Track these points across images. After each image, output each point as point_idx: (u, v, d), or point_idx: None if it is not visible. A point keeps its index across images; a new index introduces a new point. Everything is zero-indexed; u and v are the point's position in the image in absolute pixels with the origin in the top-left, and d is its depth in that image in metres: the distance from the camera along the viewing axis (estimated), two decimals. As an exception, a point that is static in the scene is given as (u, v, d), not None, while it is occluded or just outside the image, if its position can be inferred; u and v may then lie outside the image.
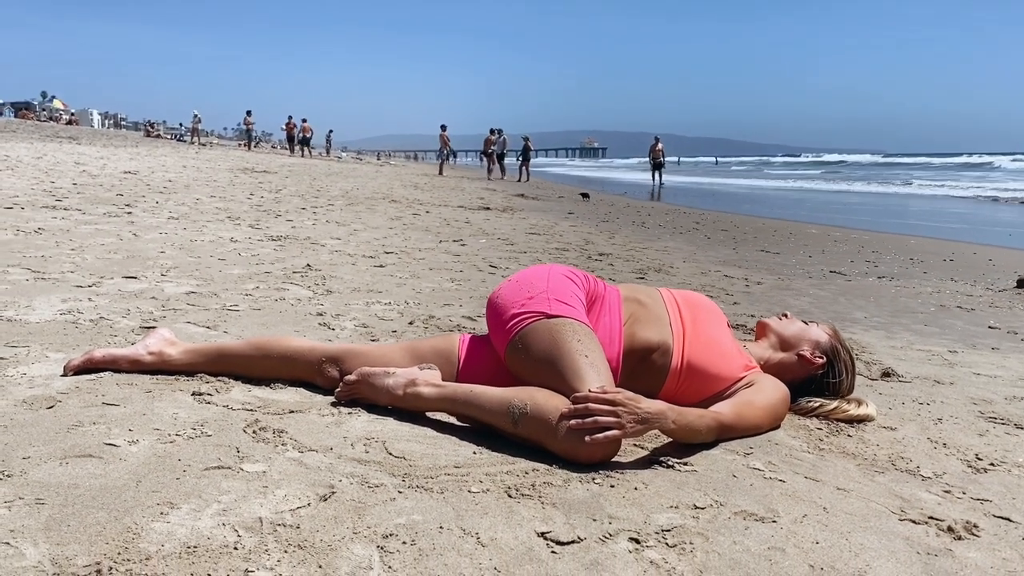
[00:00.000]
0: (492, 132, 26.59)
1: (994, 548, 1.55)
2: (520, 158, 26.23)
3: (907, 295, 5.19)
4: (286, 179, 14.73)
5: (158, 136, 43.82)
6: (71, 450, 1.67)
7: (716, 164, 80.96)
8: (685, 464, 1.86)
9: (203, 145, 35.39)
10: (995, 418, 2.45)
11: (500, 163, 26.41)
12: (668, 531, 1.51)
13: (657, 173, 25.03)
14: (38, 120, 55.15)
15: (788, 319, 2.50)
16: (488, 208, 11.29)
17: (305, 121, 35.07)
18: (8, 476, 1.53)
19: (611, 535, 1.48)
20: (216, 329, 2.93)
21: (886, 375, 2.91)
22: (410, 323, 3.26)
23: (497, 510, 1.54)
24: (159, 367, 2.26)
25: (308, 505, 1.50)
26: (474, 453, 1.84)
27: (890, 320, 4.23)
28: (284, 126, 35.57)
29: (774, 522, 1.59)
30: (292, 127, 35.14)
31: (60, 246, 4.69)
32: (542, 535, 1.46)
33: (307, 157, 33.62)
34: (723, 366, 2.20)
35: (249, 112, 35.49)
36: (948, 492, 1.83)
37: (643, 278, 5.22)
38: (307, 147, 36.09)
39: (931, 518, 1.66)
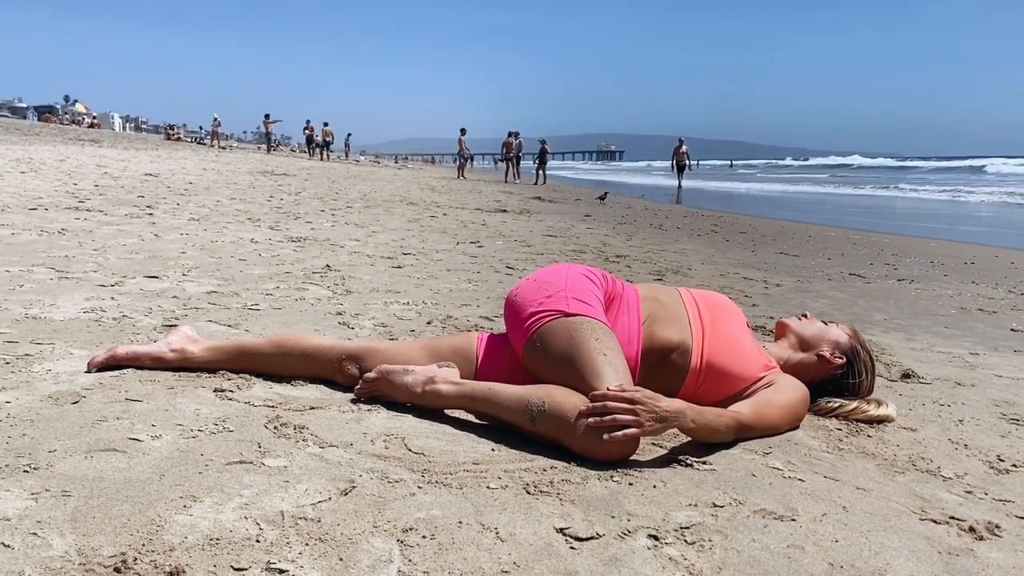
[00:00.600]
0: (512, 135, 26.53)
1: (1016, 548, 1.54)
2: (536, 161, 26.20)
3: (927, 297, 5.15)
4: (305, 182, 14.82)
5: (178, 139, 44.19)
6: (95, 444, 1.70)
7: (731, 167, 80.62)
8: (704, 463, 1.86)
9: (223, 148, 35.70)
10: (1018, 420, 2.43)
11: (516, 166, 26.39)
12: (687, 528, 1.51)
13: (680, 175, 24.85)
14: (61, 123, 55.75)
15: (808, 319, 2.49)
16: (505, 210, 11.30)
17: (326, 125, 35.27)
18: (35, 469, 1.56)
19: (630, 532, 1.48)
20: (237, 328, 2.96)
21: (906, 377, 2.89)
22: (428, 323, 3.28)
23: (516, 506, 1.55)
24: (181, 364, 2.29)
25: (329, 499, 1.52)
26: (492, 450, 1.85)
27: (910, 322, 4.20)
28: (304, 130, 35.79)
29: (793, 520, 1.58)
30: (312, 131, 35.35)
31: (83, 246, 4.74)
32: (561, 531, 1.46)
33: (326, 160, 33.78)
34: (743, 366, 2.19)
35: (268, 115, 35.76)
36: (970, 492, 1.82)
37: (661, 280, 5.21)
38: (327, 151, 36.29)
39: (952, 518, 1.65)
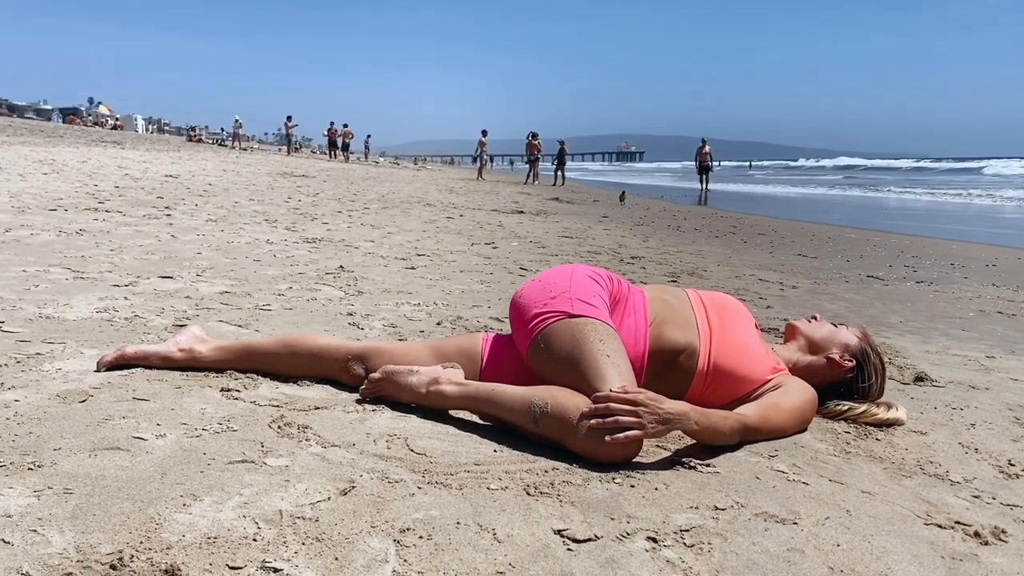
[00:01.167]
0: (535, 136, 26.47)
1: (1022, 554, 1.51)
2: (555, 162, 26.16)
3: (946, 300, 5.10)
4: (324, 183, 14.89)
5: (200, 140, 44.55)
6: (100, 443, 1.71)
7: (750, 168, 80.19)
8: (708, 466, 1.85)
9: (244, 150, 35.95)
10: (1031, 424, 2.40)
11: (534, 168, 26.38)
12: (687, 531, 1.50)
13: (704, 177, 24.41)
14: (85, 125, 56.40)
15: (817, 321, 2.47)
16: (522, 212, 11.30)
17: (346, 126, 35.44)
18: (39, 466, 1.57)
19: (628, 534, 1.47)
20: (248, 328, 2.98)
21: (919, 380, 2.86)
22: (438, 323, 3.28)
23: (515, 507, 1.55)
24: (189, 364, 2.30)
25: (328, 499, 1.52)
26: (494, 451, 1.85)
27: (927, 325, 4.16)
28: (326, 132, 35.97)
29: (795, 524, 1.57)
30: (334, 133, 35.53)
31: (100, 247, 4.79)
32: (559, 532, 1.46)
33: (346, 162, 33.93)
34: (750, 368, 2.18)
35: (289, 117, 35.98)
36: (977, 497, 1.80)
37: (675, 281, 5.19)
38: (347, 152, 36.45)
39: (958, 523, 1.63)
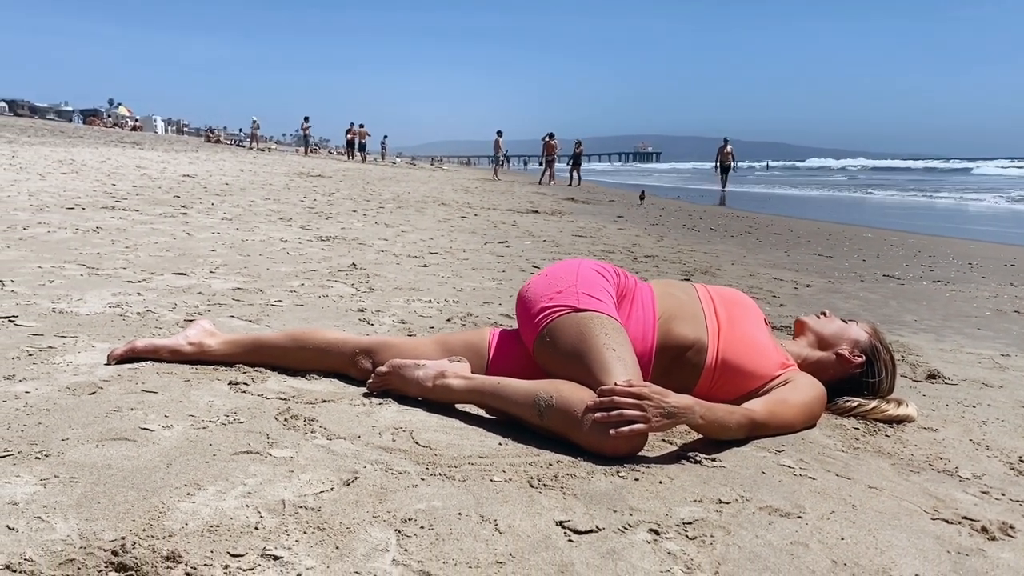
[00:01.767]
0: (551, 137, 26.43)
1: (1029, 549, 1.50)
2: (571, 162, 26.11)
3: (962, 299, 5.05)
4: (340, 183, 14.95)
5: (218, 141, 44.85)
6: (107, 433, 1.73)
7: (767, 169, 79.77)
8: (713, 460, 1.84)
9: (261, 150, 36.16)
10: (1044, 422, 2.37)
11: (550, 168, 26.35)
12: (689, 524, 1.50)
13: (724, 177, 24.07)
14: (105, 126, 56.91)
15: (827, 317, 2.46)
16: (536, 211, 11.30)
17: (362, 127, 35.55)
18: (46, 456, 1.59)
19: (631, 526, 1.47)
20: (259, 323, 2.99)
21: (931, 377, 2.84)
22: (448, 320, 3.29)
23: (517, 499, 1.55)
24: (199, 357, 2.32)
25: (331, 489, 1.53)
26: (499, 444, 1.85)
27: (941, 323, 4.12)
28: (347, 132, 36.07)
29: (799, 518, 1.56)
30: (354, 133, 35.64)
31: (115, 244, 4.83)
32: (560, 524, 1.45)
33: (363, 162, 34.06)
34: (759, 363, 2.17)
35: (307, 118, 36.18)
36: (986, 493, 1.78)
37: (688, 280, 5.17)
38: (363, 152, 36.56)
39: (965, 518, 1.62)
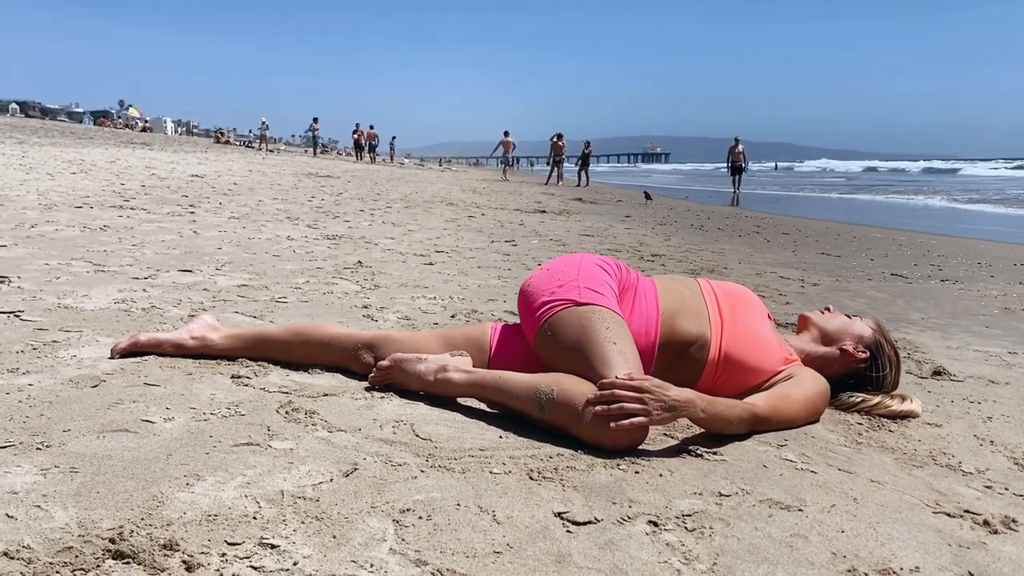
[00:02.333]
0: (560, 138, 26.41)
1: (1032, 543, 1.49)
2: (579, 163, 26.08)
3: (970, 298, 5.02)
4: (348, 183, 14.97)
5: (227, 142, 44.98)
6: (109, 425, 1.73)
7: (776, 169, 79.54)
8: (714, 453, 1.84)
9: (270, 151, 36.26)
10: (1050, 417, 2.36)
11: (559, 169, 26.33)
12: (689, 516, 1.49)
13: (737, 178, 23.04)
14: (115, 127, 57.17)
15: (831, 313, 2.44)
16: (544, 211, 11.29)
17: (372, 128, 35.58)
18: (47, 447, 1.59)
19: (629, 518, 1.47)
20: (262, 319, 3.00)
21: (937, 374, 2.82)
22: (452, 316, 3.29)
23: (517, 490, 1.55)
24: (202, 351, 2.32)
25: (330, 480, 1.53)
26: (500, 437, 1.85)
27: (949, 322, 4.10)
28: (353, 134, 36.14)
29: (800, 511, 1.55)
30: (360, 134, 35.70)
31: (122, 242, 4.85)
32: (559, 515, 1.45)
33: (371, 163, 34.11)
34: (762, 358, 2.16)
35: (316, 119, 36.23)
36: (989, 488, 1.77)
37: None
38: (373, 154, 36.61)
39: (967, 512, 1.61)
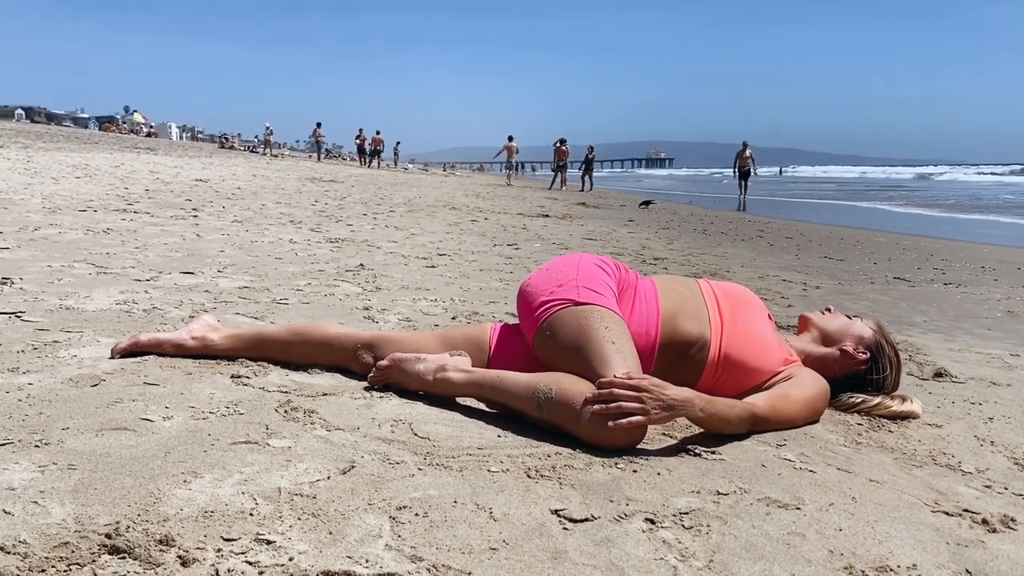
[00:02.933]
0: (563, 143, 26.42)
1: (1030, 541, 1.48)
2: (582, 168, 26.08)
3: (973, 301, 5.01)
4: (352, 188, 14.99)
5: (232, 148, 45.07)
6: (108, 423, 1.73)
7: (780, 175, 79.49)
8: (713, 453, 1.83)
9: (275, 156, 36.32)
10: (1051, 418, 2.35)
11: (562, 174, 26.35)
12: (686, 514, 1.49)
13: (744, 184, 22.07)
14: (120, 133, 57.34)
15: (831, 313, 2.44)
16: (547, 215, 11.30)
17: (378, 133, 35.58)
18: (46, 444, 1.60)
19: (626, 515, 1.46)
20: (263, 320, 3.00)
21: (938, 375, 2.82)
22: (453, 318, 3.29)
23: (514, 488, 1.55)
24: (202, 351, 2.33)
25: (328, 478, 1.53)
26: (499, 436, 1.85)
27: (951, 324, 4.09)
28: (356, 139, 36.18)
29: (798, 509, 1.55)
30: (363, 140, 35.73)
31: (125, 244, 4.86)
32: (556, 512, 1.45)
33: (377, 168, 34.13)
34: (762, 359, 2.15)
35: (319, 124, 36.30)
36: (988, 487, 1.76)
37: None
38: (377, 159, 36.65)
39: (966, 511, 1.60)
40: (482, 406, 2.06)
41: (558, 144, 26.53)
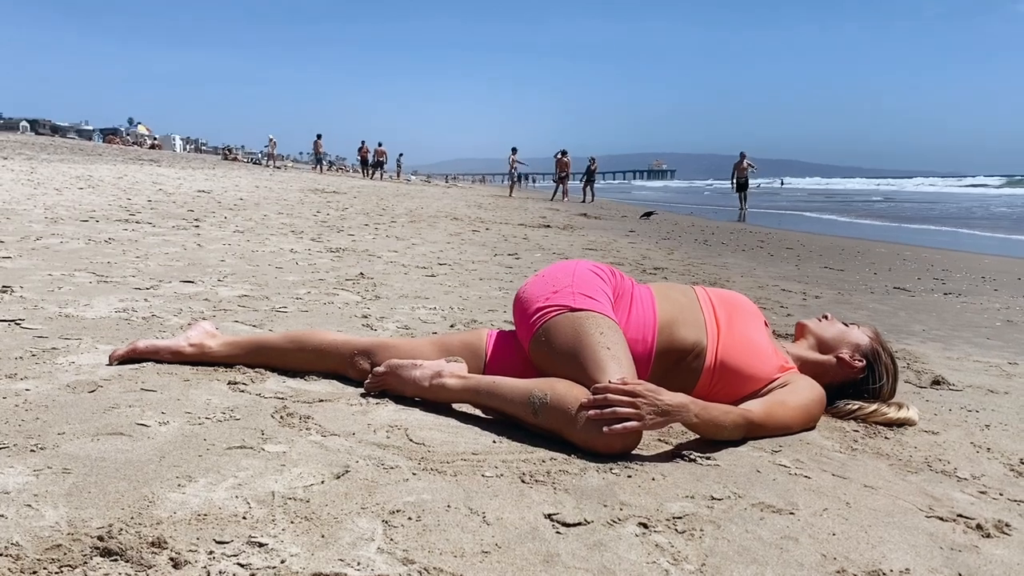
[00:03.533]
0: (564, 154, 26.46)
1: (1024, 546, 1.48)
2: (584, 179, 26.11)
3: (973, 311, 5.01)
4: (354, 199, 15.02)
5: (235, 159, 45.21)
6: (103, 428, 1.74)
7: (781, 186, 79.60)
8: (708, 458, 1.83)
9: (278, 167, 36.43)
10: (1048, 426, 2.35)
11: (564, 185, 26.38)
12: (679, 518, 1.49)
13: (742, 195, 21.99)
14: (124, 145, 57.53)
15: (828, 321, 2.44)
16: (548, 226, 11.32)
17: (380, 145, 35.67)
18: (41, 448, 1.60)
19: (620, 520, 1.47)
20: (262, 328, 3.01)
21: (936, 383, 2.81)
22: (451, 326, 3.29)
23: (508, 493, 1.55)
24: (199, 358, 2.33)
25: (322, 482, 1.53)
26: (493, 442, 1.85)
27: (950, 333, 4.09)
28: (359, 151, 36.28)
29: (791, 514, 1.55)
30: (366, 151, 35.81)
31: (126, 254, 4.88)
32: (549, 517, 1.45)
33: (379, 179, 34.19)
34: (757, 366, 2.16)
35: (319, 136, 36.43)
36: (984, 493, 1.76)
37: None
38: (380, 170, 36.73)
39: (960, 516, 1.60)
40: (478, 412, 2.07)
41: (559, 156, 26.57)
